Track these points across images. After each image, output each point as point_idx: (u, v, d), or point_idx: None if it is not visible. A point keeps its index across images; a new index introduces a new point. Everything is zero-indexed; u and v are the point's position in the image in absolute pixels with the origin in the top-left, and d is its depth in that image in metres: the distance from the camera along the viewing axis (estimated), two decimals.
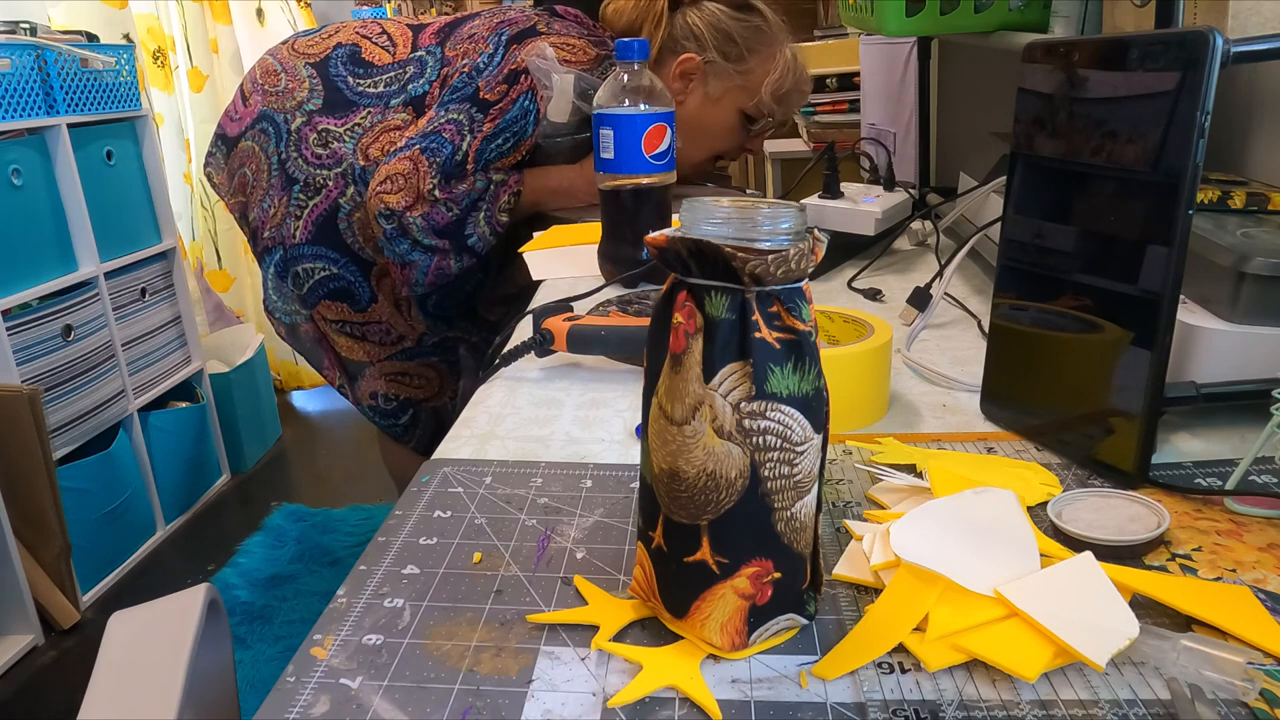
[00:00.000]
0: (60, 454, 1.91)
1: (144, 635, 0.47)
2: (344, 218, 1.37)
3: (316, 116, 1.36)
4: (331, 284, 1.40)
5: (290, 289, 1.43)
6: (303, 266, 1.40)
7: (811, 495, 0.41)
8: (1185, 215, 0.48)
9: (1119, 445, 0.53)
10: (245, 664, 1.74)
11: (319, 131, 1.36)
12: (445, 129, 1.27)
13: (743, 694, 0.39)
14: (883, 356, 0.64)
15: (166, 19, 2.79)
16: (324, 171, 1.36)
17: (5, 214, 1.84)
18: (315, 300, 1.42)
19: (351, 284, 1.40)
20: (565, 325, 0.75)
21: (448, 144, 1.26)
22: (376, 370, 1.47)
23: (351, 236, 1.38)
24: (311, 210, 1.37)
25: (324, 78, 1.38)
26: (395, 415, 1.51)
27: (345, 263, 1.39)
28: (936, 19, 1.01)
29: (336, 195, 1.36)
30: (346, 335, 1.44)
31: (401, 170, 1.26)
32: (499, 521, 0.53)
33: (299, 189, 1.37)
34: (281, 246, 1.40)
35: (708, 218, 0.39)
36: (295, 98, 1.38)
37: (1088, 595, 0.41)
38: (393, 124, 1.34)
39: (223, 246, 3.01)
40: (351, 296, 1.41)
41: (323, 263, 1.39)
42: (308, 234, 1.38)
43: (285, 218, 1.39)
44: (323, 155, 1.36)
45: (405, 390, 1.50)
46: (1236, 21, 0.66)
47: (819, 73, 2.19)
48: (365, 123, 1.35)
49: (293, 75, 1.40)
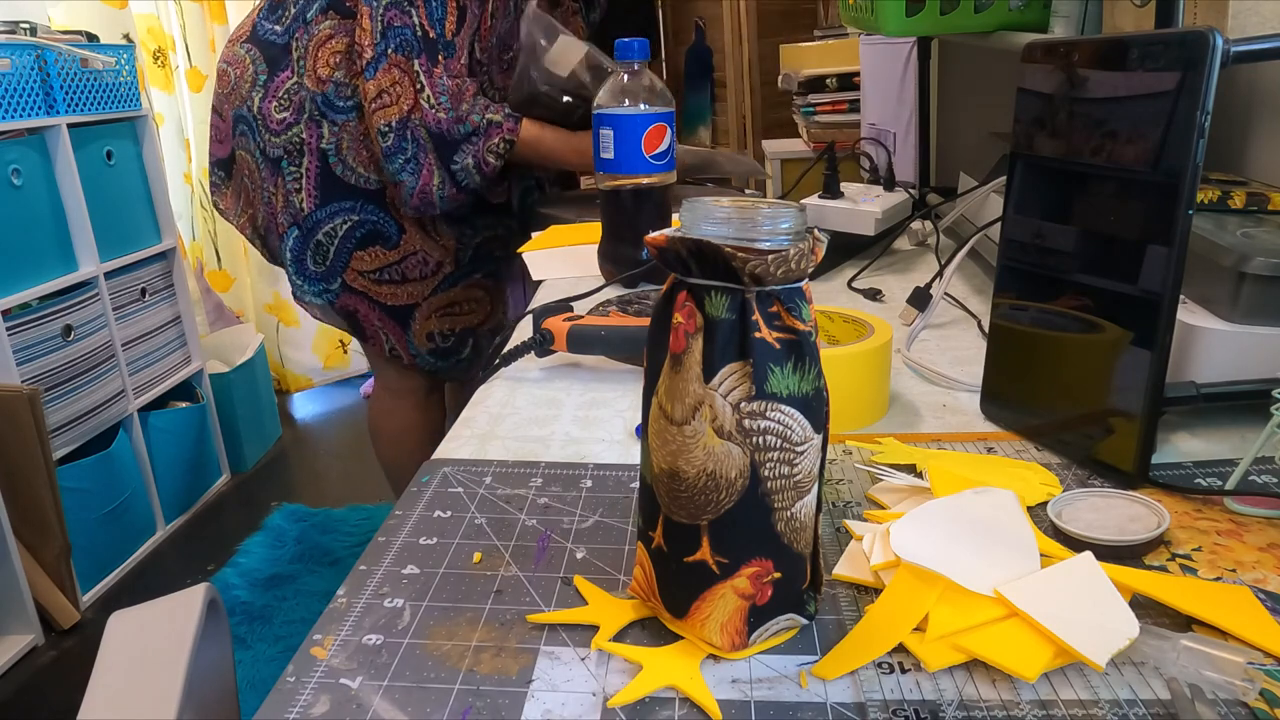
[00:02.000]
0: (60, 454, 1.91)
1: (144, 635, 0.47)
2: (336, 160, 1.36)
3: (269, 84, 1.36)
4: (358, 233, 1.39)
5: (312, 267, 1.42)
6: (323, 233, 1.39)
7: (811, 495, 0.41)
8: (1185, 215, 0.48)
9: (1119, 445, 0.53)
10: (245, 664, 1.74)
11: (278, 98, 1.36)
12: (392, 18, 1.26)
13: (743, 694, 0.39)
14: (883, 356, 0.64)
15: (166, 19, 2.79)
16: (293, 130, 1.36)
17: (5, 214, 1.84)
18: (344, 262, 1.41)
19: (376, 223, 1.39)
20: (565, 325, 0.75)
21: (404, 29, 1.26)
22: (426, 309, 1.47)
23: (352, 174, 1.37)
24: (306, 174, 1.37)
25: (257, 43, 1.38)
26: (456, 351, 1.51)
27: (360, 205, 1.38)
28: (936, 19, 1.01)
29: (316, 144, 1.35)
30: (388, 282, 1.43)
31: (391, 79, 1.26)
32: (499, 521, 0.53)
33: (286, 163, 1.37)
34: (296, 225, 1.40)
35: (708, 218, 0.39)
36: (246, 81, 1.38)
37: (1088, 595, 0.41)
38: (322, 36, 1.33)
39: (223, 246, 3.01)
40: (382, 236, 1.40)
41: (341, 216, 1.39)
42: (314, 199, 1.38)
43: (289, 195, 1.38)
44: (286, 116, 1.35)
45: (459, 321, 1.50)
46: (1236, 21, 0.66)
47: (819, 73, 2.19)
48: (300, 51, 1.34)
49: (236, 63, 1.40)
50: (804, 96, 2.21)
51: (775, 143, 2.50)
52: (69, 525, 1.87)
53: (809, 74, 2.20)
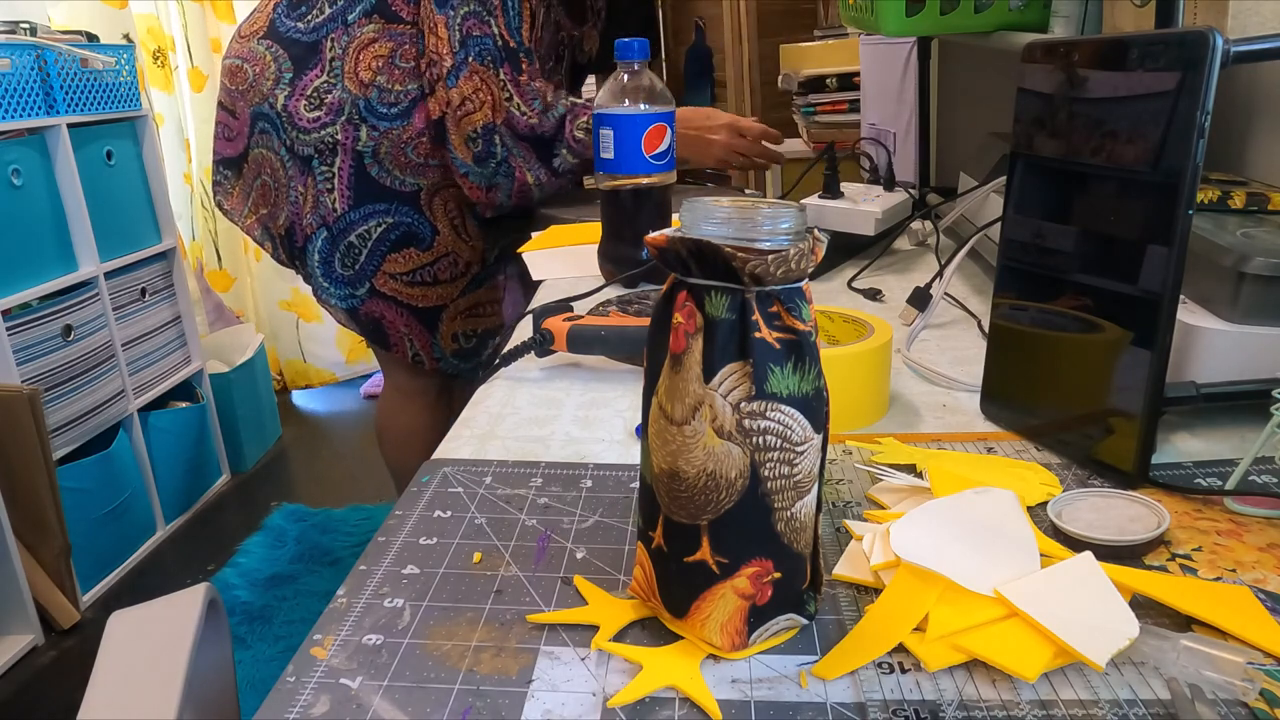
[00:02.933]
0: (60, 454, 1.91)
1: (144, 635, 0.47)
2: (372, 162, 1.35)
3: (296, 82, 1.34)
4: (393, 235, 1.39)
5: (340, 270, 1.41)
6: (355, 235, 1.38)
7: (811, 495, 0.41)
8: (1185, 215, 0.48)
9: (1119, 445, 0.53)
10: (245, 664, 1.74)
11: (307, 96, 1.34)
12: (471, 27, 1.27)
13: (743, 694, 0.39)
14: (883, 356, 0.64)
15: (166, 19, 2.79)
16: (329, 130, 1.34)
17: (5, 214, 1.84)
18: (376, 265, 1.40)
19: (411, 225, 1.39)
20: (565, 325, 0.75)
21: (484, 39, 1.27)
22: (453, 310, 1.48)
23: (389, 176, 1.36)
24: (340, 174, 1.35)
25: (278, 40, 1.36)
26: (478, 352, 1.53)
27: (395, 207, 1.38)
28: (936, 19, 1.01)
29: (352, 145, 1.34)
30: (420, 284, 1.43)
31: (473, 86, 1.27)
32: (499, 521, 0.53)
33: (317, 162, 1.35)
34: (325, 227, 1.38)
35: (708, 218, 0.39)
36: (267, 78, 1.36)
37: (1088, 595, 0.41)
38: (364, 39, 1.32)
39: (223, 246, 3.01)
40: (416, 238, 1.40)
41: (375, 219, 1.38)
42: (348, 201, 1.37)
43: (319, 195, 1.37)
44: (319, 115, 1.34)
45: (483, 322, 1.51)
46: (1236, 21, 0.66)
47: (819, 73, 2.19)
48: (335, 52, 1.33)
49: (253, 60, 1.37)
50: (804, 96, 2.21)
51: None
52: (69, 525, 1.87)
53: (809, 74, 2.20)
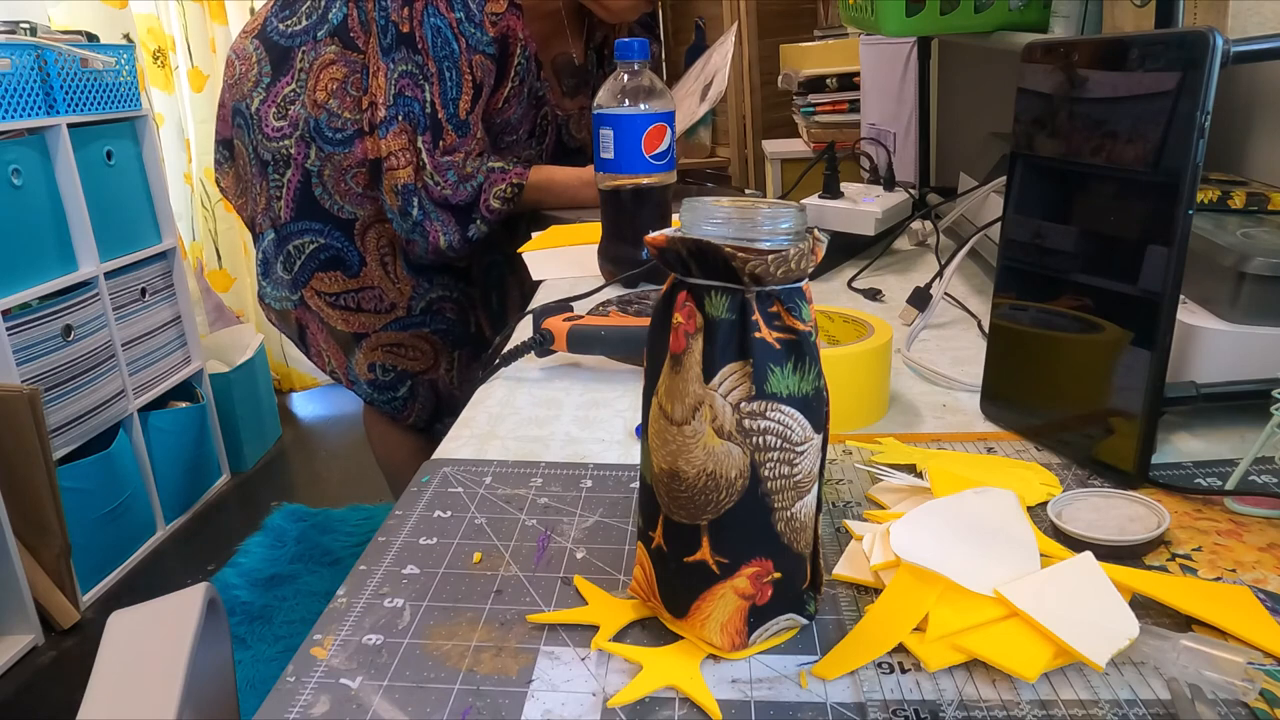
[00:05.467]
0: (60, 454, 1.91)
1: (143, 635, 0.47)
2: (317, 183, 1.38)
3: (272, 88, 1.37)
4: (322, 255, 1.42)
5: (280, 273, 1.44)
6: (294, 244, 1.42)
7: (811, 495, 0.41)
8: (1185, 215, 0.48)
9: (1119, 445, 0.53)
10: (245, 664, 1.74)
11: (277, 104, 1.37)
12: (404, 86, 1.27)
13: (743, 694, 0.39)
14: (883, 356, 0.64)
15: (166, 19, 2.79)
16: (285, 142, 1.37)
17: (5, 214, 1.84)
18: (307, 277, 1.43)
19: (340, 250, 1.42)
20: (565, 325, 0.75)
21: (414, 103, 1.28)
22: (373, 341, 1.49)
23: (329, 199, 1.39)
24: (288, 187, 1.39)
25: (264, 41, 1.39)
26: (394, 387, 1.52)
27: (329, 230, 1.41)
28: (936, 19, 1.01)
29: (302, 161, 1.37)
30: (341, 308, 1.45)
31: (400, 144, 1.28)
32: (499, 521, 0.53)
33: (271, 169, 1.39)
34: (274, 229, 1.42)
35: (708, 218, 0.39)
36: (249, 79, 1.39)
37: (1088, 595, 0.41)
38: (326, 59, 1.34)
39: (223, 246, 3.01)
40: (343, 263, 1.42)
41: (310, 235, 1.41)
42: (291, 211, 1.40)
43: (270, 200, 1.41)
44: (282, 126, 1.37)
45: (401, 362, 1.51)
46: (1236, 21, 0.66)
47: (819, 73, 2.18)
48: (304, 65, 1.35)
49: (243, 58, 1.40)
50: (804, 96, 2.21)
51: (775, 143, 2.49)
52: (69, 525, 1.87)
53: (809, 74, 2.20)
